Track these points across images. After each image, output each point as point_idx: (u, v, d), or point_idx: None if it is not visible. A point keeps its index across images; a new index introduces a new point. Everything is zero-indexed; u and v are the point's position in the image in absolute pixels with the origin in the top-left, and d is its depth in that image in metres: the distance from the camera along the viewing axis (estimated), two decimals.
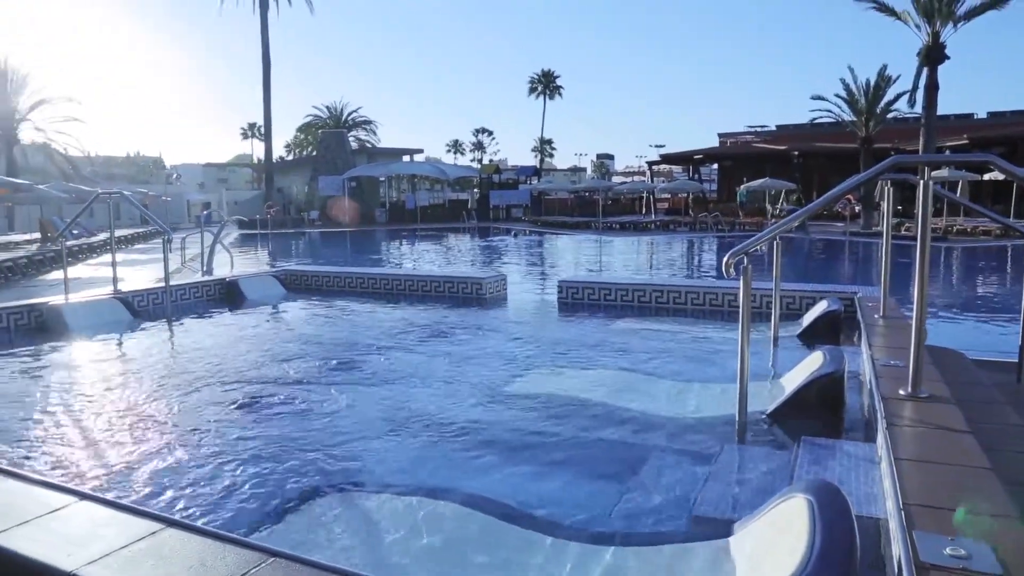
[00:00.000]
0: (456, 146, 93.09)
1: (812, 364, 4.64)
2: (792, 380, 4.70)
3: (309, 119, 62.71)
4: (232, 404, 4.97)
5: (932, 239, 3.86)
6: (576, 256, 21.29)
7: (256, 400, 5.07)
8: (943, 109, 28.77)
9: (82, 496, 2.60)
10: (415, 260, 21.17)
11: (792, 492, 2.55)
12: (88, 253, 21.93)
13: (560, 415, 4.68)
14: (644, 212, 44.06)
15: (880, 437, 3.31)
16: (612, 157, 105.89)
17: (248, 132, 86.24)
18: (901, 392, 3.71)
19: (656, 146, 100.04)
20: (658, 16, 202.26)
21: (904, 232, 19.36)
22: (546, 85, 76.91)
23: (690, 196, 41.89)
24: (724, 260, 4.03)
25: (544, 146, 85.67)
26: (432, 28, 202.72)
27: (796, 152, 40.27)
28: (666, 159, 54.02)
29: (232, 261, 13.58)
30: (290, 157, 65.16)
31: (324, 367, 6.11)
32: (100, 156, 67.17)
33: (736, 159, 46.91)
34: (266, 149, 46.29)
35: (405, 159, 52.07)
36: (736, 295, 6.18)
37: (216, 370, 6.00)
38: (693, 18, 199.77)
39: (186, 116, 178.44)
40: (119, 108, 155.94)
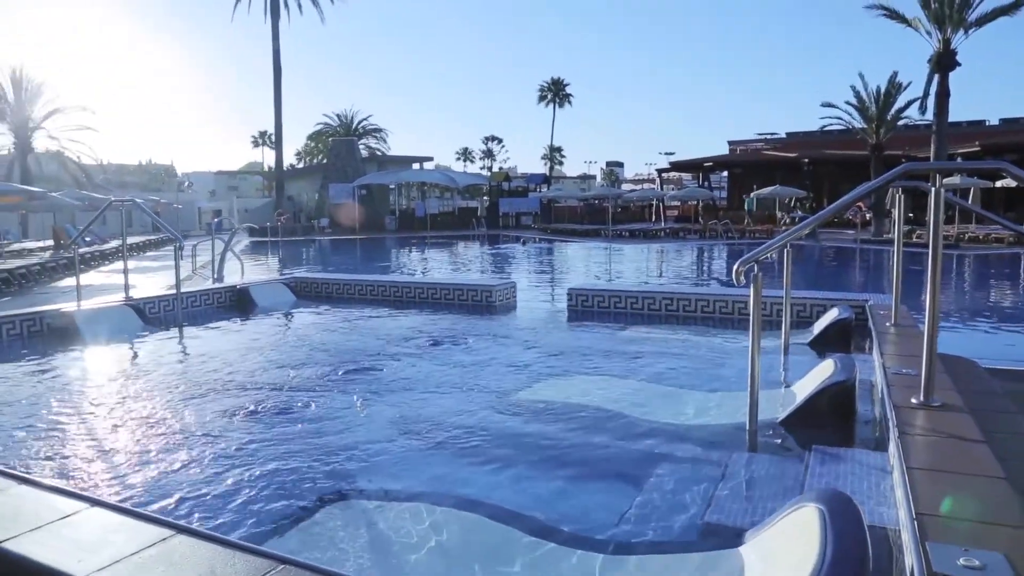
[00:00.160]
0: (466, 154, 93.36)
1: (823, 372, 4.62)
2: (803, 388, 4.67)
3: (320, 127, 63.14)
4: (242, 411, 4.98)
5: (944, 247, 3.84)
6: (586, 264, 21.28)
7: (266, 407, 5.08)
8: (955, 116, 28.69)
9: (93, 502, 2.61)
10: (425, 267, 21.21)
11: (803, 501, 2.54)
12: (100, 260, 22.08)
13: (569, 422, 4.67)
14: (654, 220, 44.02)
15: (892, 446, 3.29)
16: (622, 165, 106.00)
17: (259, 140, 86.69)
18: (913, 401, 3.68)
19: (666, 153, 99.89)
20: (667, 24, 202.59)
21: (915, 239, 19.29)
22: (556, 93, 77.09)
23: (700, 204, 41.86)
24: (734, 268, 4.02)
25: (554, 154, 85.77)
26: (442, 36, 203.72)
27: (806, 159, 40.17)
28: (676, 167, 54.04)
29: (243, 268, 13.61)
30: (301, 165, 65.52)
31: (334, 374, 6.12)
32: (113, 164, 67.70)
33: (746, 166, 46.86)
34: (277, 157, 46.54)
35: (415, 167, 52.27)
36: (746, 303, 6.17)
37: (226, 377, 6.02)
38: (703, 25, 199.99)
39: (198, 124, 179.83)
40: (132, 116, 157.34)
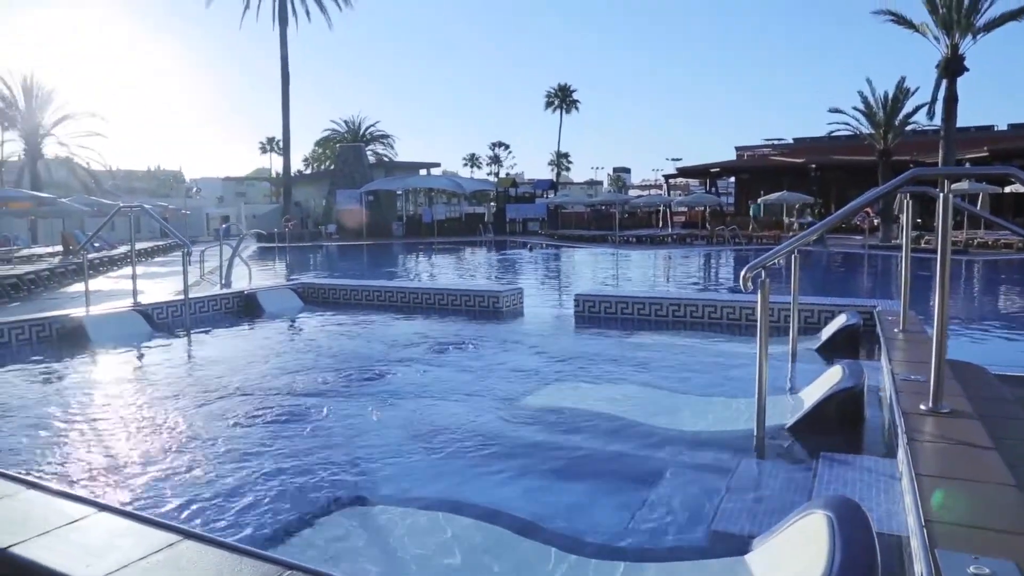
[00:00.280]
0: (473, 160, 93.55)
1: (831, 378, 4.60)
2: (811, 395, 4.66)
3: (327, 133, 63.38)
4: (249, 416, 4.99)
5: (952, 252, 3.83)
6: (593, 270, 21.27)
7: (273, 413, 5.09)
8: (963, 121, 28.64)
9: (101, 507, 2.61)
10: (432, 273, 21.23)
11: (811, 508, 2.53)
12: (109, 266, 22.19)
13: (577, 429, 4.66)
14: (661, 226, 44.00)
15: (901, 453, 3.27)
16: (629, 171, 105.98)
17: (267, 146, 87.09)
18: (922, 407, 3.66)
19: (673, 159, 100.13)
20: (675, 30, 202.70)
21: (924, 245, 19.20)
22: (563, 99, 77.17)
23: (707, 209, 41.80)
24: (742, 274, 4.01)
25: (560, 160, 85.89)
26: (449, 43, 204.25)
27: (814, 165, 40.11)
28: (683, 172, 54.00)
29: (250, 274, 13.66)
30: (308, 171, 65.83)
31: (342, 380, 6.13)
32: (121, 170, 68.10)
33: (753, 172, 46.80)
34: (284, 163, 46.77)
35: (422, 173, 52.42)
36: (754, 309, 6.14)
37: (234, 382, 6.03)
38: (710, 32, 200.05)
39: (206, 130, 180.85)
40: (140, 122, 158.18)
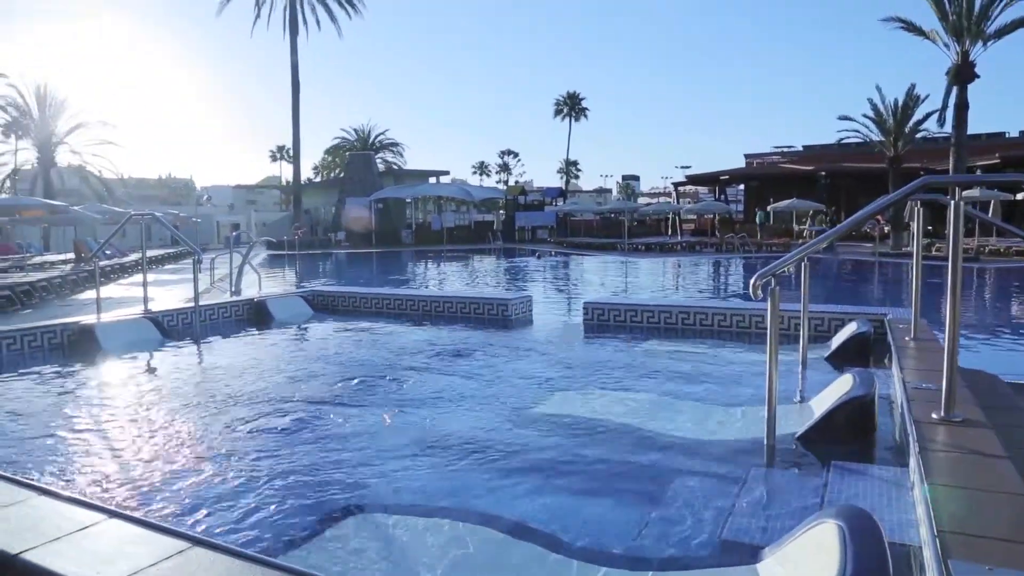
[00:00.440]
0: (482, 168, 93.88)
1: (842, 387, 4.57)
2: (821, 403, 4.63)
3: (337, 141, 63.70)
4: (259, 424, 5.00)
5: (964, 260, 3.81)
6: (602, 277, 21.25)
7: (282, 420, 5.10)
8: (974, 128, 28.52)
9: (111, 514, 2.63)
10: (441, 281, 21.26)
11: (822, 517, 2.51)
12: (120, 273, 22.33)
13: (586, 437, 4.65)
14: (670, 233, 43.93)
15: (913, 461, 3.25)
16: (638, 178, 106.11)
17: (277, 154, 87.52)
18: (934, 416, 3.64)
19: (682, 167, 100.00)
20: (683, 37, 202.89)
21: (935, 253, 19.10)
22: (571, 107, 77.34)
23: (716, 217, 41.73)
24: (751, 281, 4.00)
25: (569, 167, 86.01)
26: (458, 51, 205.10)
27: (823, 172, 39.99)
28: (692, 180, 53.98)
29: (260, 282, 13.72)
30: (318, 179, 66.05)
31: (351, 387, 6.14)
32: (133, 178, 68.63)
33: (763, 180, 46.68)
34: (294, 171, 47.02)
35: (431, 181, 52.57)
36: (763, 317, 6.13)
37: (244, 390, 6.05)
38: (719, 39, 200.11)
39: (217, 139, 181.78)
40: (152, 131, 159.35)
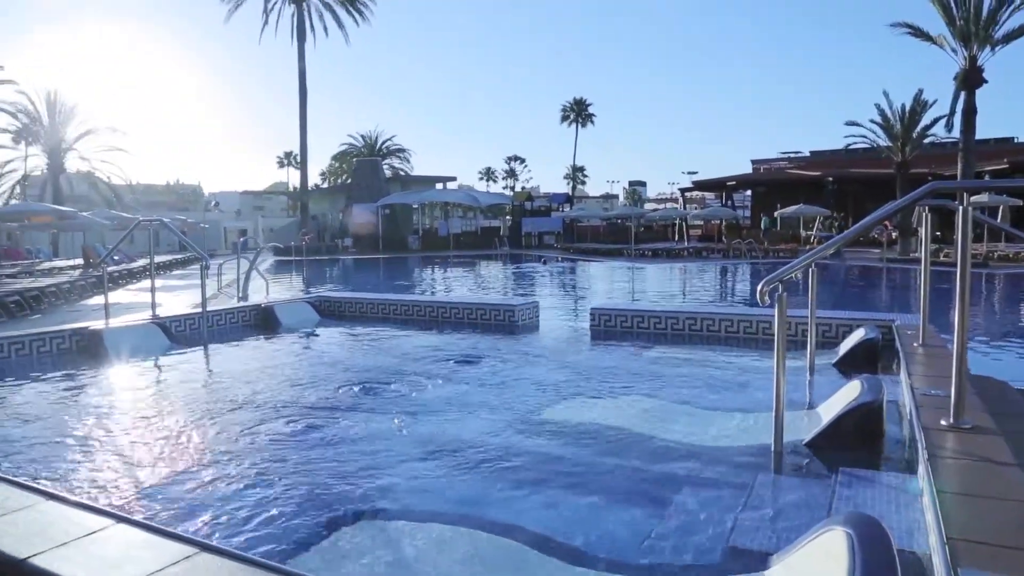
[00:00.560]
0: (488, 174, 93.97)
1: (850, 393, 4.56)
2: (829, 409, 4.61)
3: (344, 147, 63.87)
4: (266, 429, 5.01)
5: (972, 265, 3.79)
6: (609, 283, 21.23)
7: (289, 426, 5.10)
8: (982, 133, 28.41)
9: (119, 519, 2.63)
10: (448, 287, 21.28)
11: (831, 524, 2.50)
12: (128, 279, 22.39)
13: (593, 444, 4.64)
14: (677, 239, 43.92)
15: (922, 469, 3.23)
16: (644, 184, 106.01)
17: (284, 160, 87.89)
18: (943, 422, 3.62)
19: (688, 173, 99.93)
20: (690, 43, 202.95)
21: (943, 258, 19.02)
22: (578, 113, 77.42)
23: (723, 223, 41.67)
24: (759, 288, 3.99)
25: (576, 173, 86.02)
26: (465, 58, 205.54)
27: (831, 178, 39.91)
28: (699, 186, 53.94)
29: (267, 287, 13.75)
30: (325, 185, 66.23)
31: (358, 393, 6.15)
32: (141, 184, 68.93)
33: (770, 185, 46.62)
34: (302, 177, 47.14)
35: (438, 187, 52.67)
36: (771, 323, 6.10)
37: (251, 395, 6.06)
38: (726, 45, 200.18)
39: (225, 145, 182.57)
40: (160, 137, 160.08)
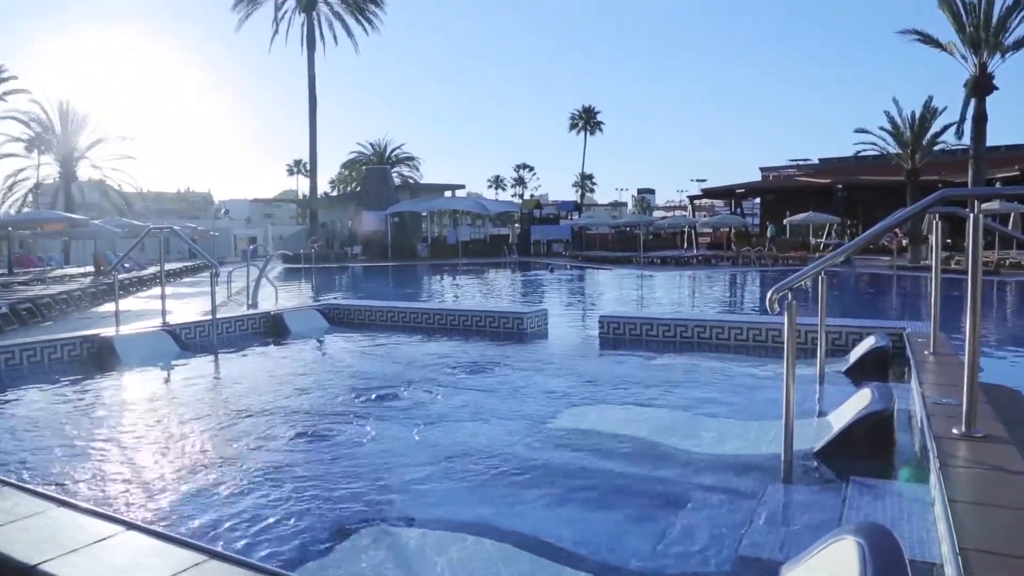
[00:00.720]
0: (497, 181, 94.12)
1: (860, 401, 4.53)
2: (840, 418, 4.59)
3: (353, 156, 64.06)
4: (275, 437, 5.02)
5: (983, 273, 3.77)
6: (617, 291, 21.21)
7: (298, 433, 5.11)
8: (993, 140, 28.23)
9: (129, 526, 2.64)
10: (457, 294, 21.29)
11: (841, 534, 2.48)
12: (139, 286, 22.51)
13: (602, 451, 4.63)
14: (686, 247, 43.82)
15: (933, 477, 3.21)
16: (653, 192, 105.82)
17: (294, 168, 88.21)
18: (955, 431, 3.60)
19: (697, 180, 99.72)
20: (699, 51, 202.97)
21: (954, 266, 18.92)
22: (587, 121, 77.47)
23: (732, 231, 41.58)
24: (768, 295, 3.98)
25: (585, 181, 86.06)
26: (474, 66, 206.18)
27: (840, 185, 39.79)
28: (707, 193, 53.86)
29: (276, 295, 13.80)
30: (335, 193, 66.42)
31: (367, 401, 6.15)
32: (152, 192, 69.26)
33: (779, 193, 46.54)
34: (311, 185, 47.30)
35: (447, 194, 52.76)
36: (780, 331, 6.09)
37: (260, 403, 6.08)
38: (734, 52, 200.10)
39: (235, 153, 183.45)
40: (171, 145, 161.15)
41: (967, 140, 27.22)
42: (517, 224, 50.14)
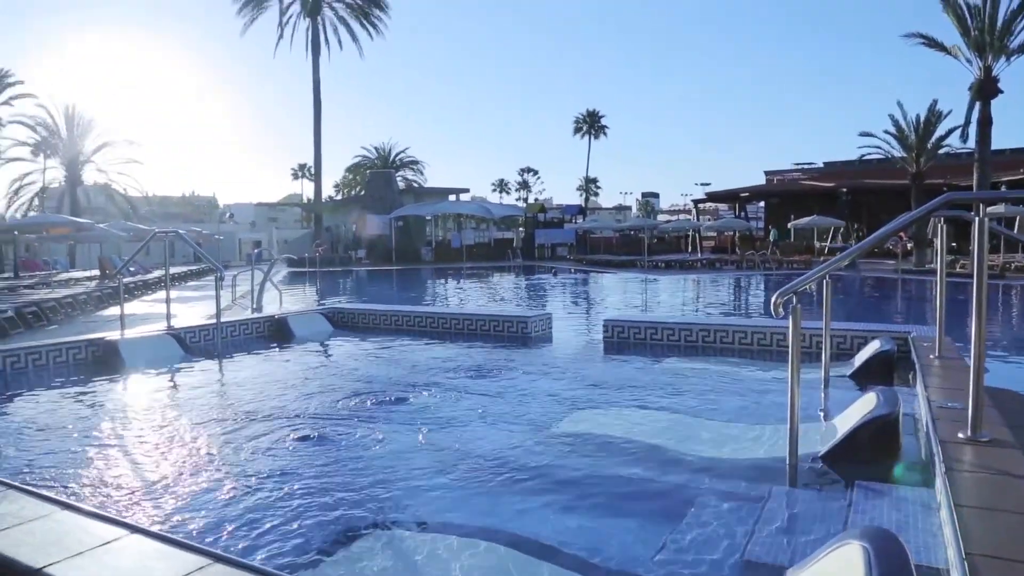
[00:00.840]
0: (502, 185, 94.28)
1: (865, 405, 4.52)
2: (845, 422, 4.58)
3: (358, 159, 64.18)
4: (280, 441, 5.02)
5: (988, 277, 3.76)
6: (622, 295, 21.20)
7: (302, 437, 5.11)
8: (998, 143, 28.22)
9: (133, 529, 2.64)
10: (461, 298, 21.30)
11: (847, 538, 2.47)
12: (144, 290, 22.56)
13: (607, 455, 4.62)
14: (690, 250, 43.79)
15: (939, 482, 3.20)
16: (657, 195, 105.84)
17: (299, 172, 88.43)
18: (960, 435, 3.58)
19: (702, 184, 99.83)
20: (703, 55, 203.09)
21: (959, 270, 18.87)
22: (591, 125, 77.48)
23: (737, 234, 41.54)
24: (772, 299, 3.97)
25: (589, 185, 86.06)
26: (478, 70, 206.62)
27: (845, 189, 39.74)
28: (712, 197, 53.79)
29: (281, 299, 13.83)
30: (339, 197, 66.51)
31: (371, 405, 6.15)
32: (157, 196, 69.62)
33: (783, 197, 46.46)
34: (316, 189, 47.40)
35: (451, 198, 52.79)
36: (785, 334, 6.08)
37: (264, 406, 6.08)
38: (738, 55, 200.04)
39: (240, 157, 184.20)
40: (176, 149, 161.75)
41: (972, 144, 27.21)
42: (521, 228, 50.16)
